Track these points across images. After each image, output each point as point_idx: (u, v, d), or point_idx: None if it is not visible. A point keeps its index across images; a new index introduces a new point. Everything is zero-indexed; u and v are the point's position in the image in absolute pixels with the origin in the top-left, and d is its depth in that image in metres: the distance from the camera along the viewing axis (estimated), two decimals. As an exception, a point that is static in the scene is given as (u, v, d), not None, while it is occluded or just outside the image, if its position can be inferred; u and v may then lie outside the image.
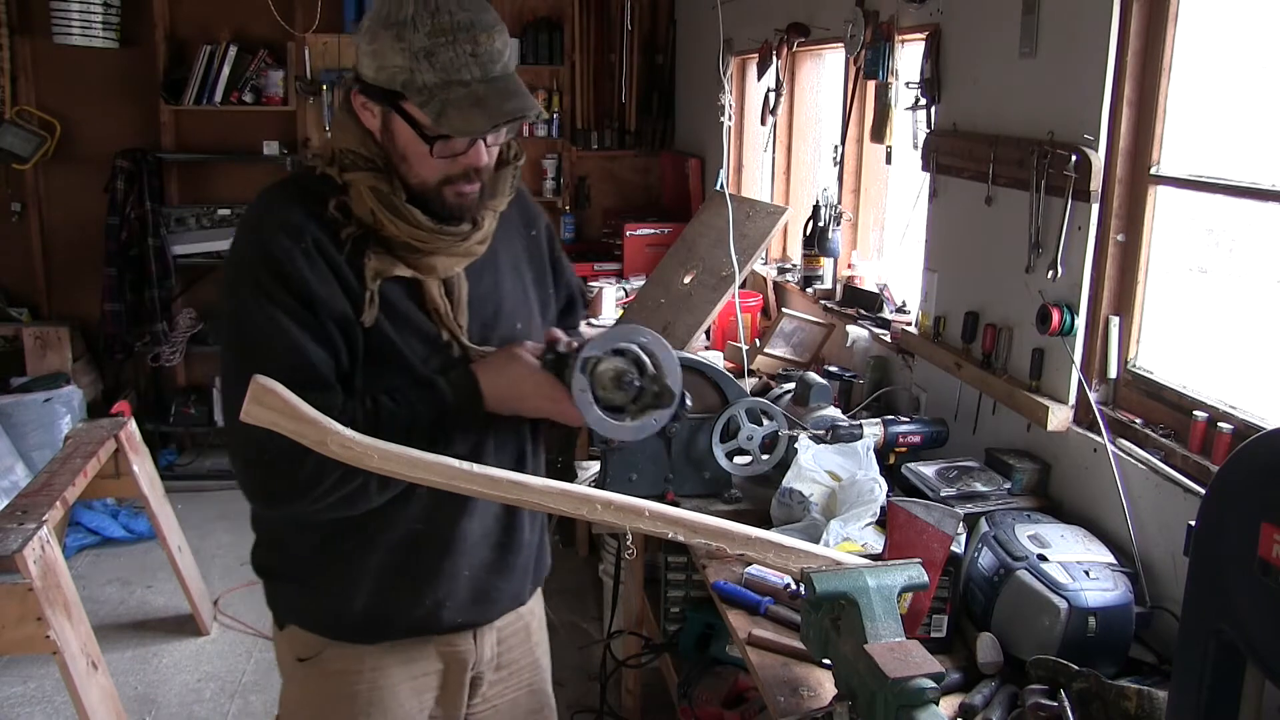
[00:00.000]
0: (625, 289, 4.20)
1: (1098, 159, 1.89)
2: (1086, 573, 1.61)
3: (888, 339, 2.79)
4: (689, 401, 1.51)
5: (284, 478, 1.32)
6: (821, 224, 3.21)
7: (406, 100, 1.31)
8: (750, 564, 1.84)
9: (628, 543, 1.44)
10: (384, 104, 1.33)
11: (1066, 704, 1.38)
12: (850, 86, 3.10)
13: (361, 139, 1.37)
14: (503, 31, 1.33)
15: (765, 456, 2.18)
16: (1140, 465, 1.81)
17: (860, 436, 2.16)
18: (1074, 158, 1.89)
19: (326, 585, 1.49)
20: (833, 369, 2.89)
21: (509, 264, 1.54)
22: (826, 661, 1.46)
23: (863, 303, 3.08)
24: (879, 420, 2.27)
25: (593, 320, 3.96)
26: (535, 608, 1.74)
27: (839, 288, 3.24)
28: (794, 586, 1.80)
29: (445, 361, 1.42)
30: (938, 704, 1.23)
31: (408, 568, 1.48)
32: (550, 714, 1.78)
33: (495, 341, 1.48)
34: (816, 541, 1.72)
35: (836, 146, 3.23)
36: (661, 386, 1.41)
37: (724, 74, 3.83)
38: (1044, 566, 1.63)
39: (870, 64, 2.78)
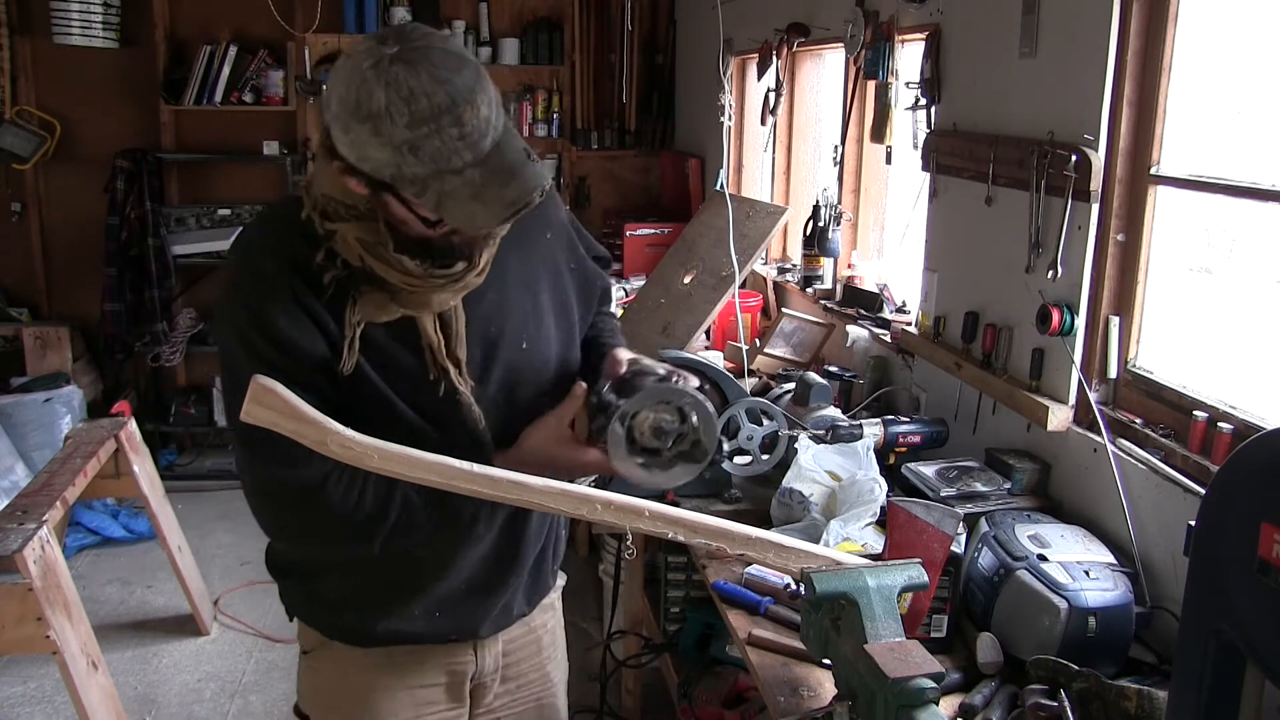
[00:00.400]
0: (625, 289, 4.19)
1: (1098, 159, 1.89)
2: (1086, 573, 1.61)
3: (888, 339, 2.79)
4: (722, 454, 1.49)
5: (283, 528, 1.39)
6: (821, 224, 3.21)
7: (395, 190, 1.22)
8: (750, 564, 1.84)
9: (628, 543, 1.44)
10: (371, 189, 1.23)
11: (1066, 704, 1.38)
12: (850, 86, 3.10)
13: (344, 190, 1.27)
14: (484, 90, 1.18)
15: (765, 456, 2.18)
16: (1140, 465, 1.81)
17: (860, 436, 2.16)
18: (1074, 158, 1.89)
19: (324, 588, 1.52)
20: (833, 369, 2.88)
21: (519, 277, 1.45)
22: (826, 661, 1.46)
23: (863, 303, 3.07)
24: (879, 420, 2.27)
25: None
26: (549, 621, 1.71)
27: (839, 288, 3.24)
28: (794, 586, 1.80)
29: (432, 400, 1.37)
30: (938, 704, 1.23)
31: (401, 584, 1.48)
32: None
33: (498, 365, 1.42)
34: (816, 541, 1.72)
35: (836, 146, 3.23)
36: (698, 439, 1.39)
37: (724, 74, 3.83)
38: (1044, 566, 1.63)
39: (870, 64, 2.78)
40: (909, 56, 2.71)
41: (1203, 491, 1.58)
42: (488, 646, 1.59)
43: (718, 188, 3.83)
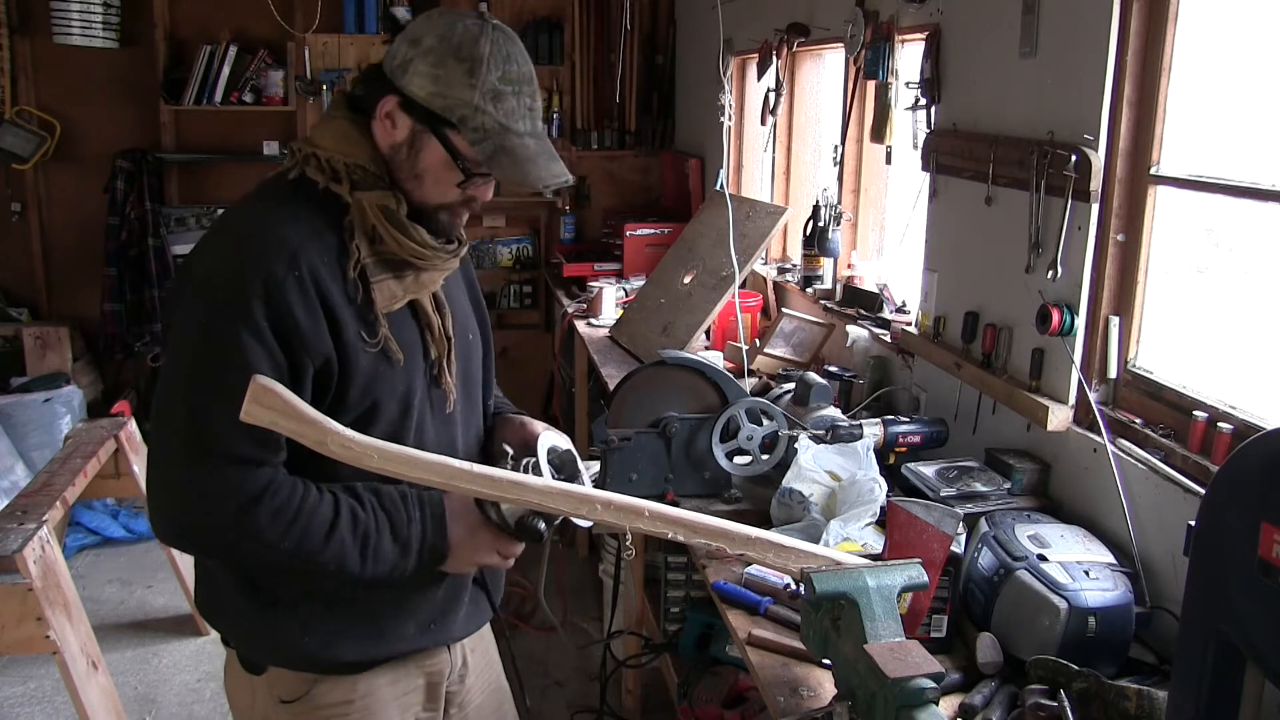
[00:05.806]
0: (625, 289, 4.20)
1: (1098, 159, 1.89)
2: (1086, 573, 1.61)
3: (888, 339, 2.79)
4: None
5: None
6: (821, 224, 3.21)
7: (455, 131, 1.33)
8: (750, 564, 1.84)
9: (628, 543, 1.44)
10: (426, 126, 1.34)
11: (1066, 704, 1.38)
12: (850, 86, 3.10)
13: (371, 154, 1.36)
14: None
15: (765, 456, 2.18)
16: (1140, 465, 1.81)
17: (860, 436, 2.16)
18: (1074, 158, 1.89)
19: (317, 625, 1.45)
20: (833, 369, 2.88)
21: (457, 300, 1.57)
22: (826, 661, 1.46)
23: (863, 303, 3.07)
24: (879, 420, 2.27)
25: (593, 320, 3.96)
26: None
27: (839, 288, 3.23)
28: (794, 586, 1.80)
29: (408, 392, 1.42)
30: (938, 704, 1.23)
31: (401, 604, 1.48)
32: (511, 707, 1.79)
33: (459, 358, 1.51)
34: (816, 541, 1.72)
35: (836, 146, 3.23)
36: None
37: (724, 74, 3.82)
38: (1044, 566, 1.63)
39: (870, 64, 2.78)
40: (909, 56, 2.71)
41: (1203, 491, 1.58)
42: (459, 647, 1.61)
43: (718, 188, 3.83)
